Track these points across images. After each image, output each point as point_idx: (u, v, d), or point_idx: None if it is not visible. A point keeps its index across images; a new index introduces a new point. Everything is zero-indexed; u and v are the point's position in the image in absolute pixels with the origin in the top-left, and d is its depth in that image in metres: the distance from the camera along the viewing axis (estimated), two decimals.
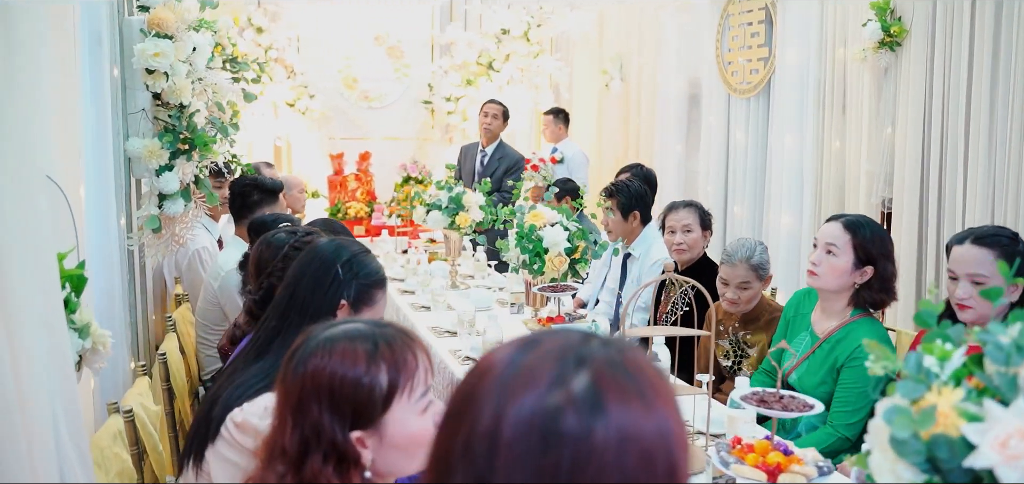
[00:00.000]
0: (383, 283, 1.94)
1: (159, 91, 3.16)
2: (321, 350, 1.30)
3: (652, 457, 0.77)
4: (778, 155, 5.25)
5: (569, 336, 0.83)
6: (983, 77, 3.83)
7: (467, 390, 0.82)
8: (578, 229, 3.29)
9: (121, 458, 1.98)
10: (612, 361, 0.80)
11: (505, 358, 0.82)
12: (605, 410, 0.76)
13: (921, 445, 1.20)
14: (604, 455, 0.75)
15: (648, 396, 0.79)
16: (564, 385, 0.77)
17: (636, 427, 0.77)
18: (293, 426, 1.27)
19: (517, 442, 0.76)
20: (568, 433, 0.75)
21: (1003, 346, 1.19)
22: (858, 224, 2.70)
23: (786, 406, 1.82)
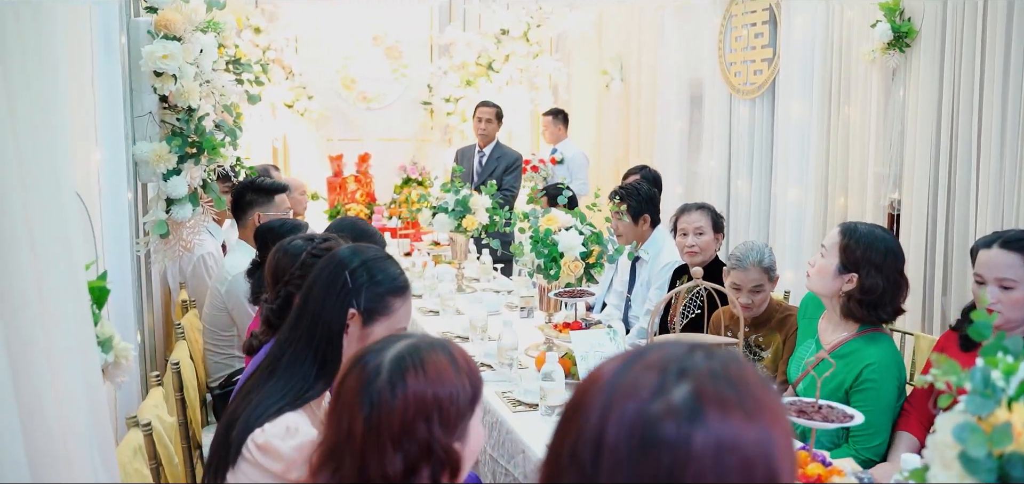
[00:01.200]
0: (401, 290, 1.83)
1: (167, 94, 3.11)
2: (411, 372, 1.29)
3: (752, 466, 0.79)
4: (783, 157, 5.23)
5: (674, 348, 0.86)
6: (995, 78, 3.81)
7: (577, 399, 0.87)
8: (594, 233, 3.25)
9: (142, 473, 1.93)
10: (714, 372, 0.83)
11: (612, 370, 0.86)
12: (704, 419, 0.79)
13: (994, 463, 1.17)
14: (702, 462, 0.78)
15: (750, 407, 0.81)
16: (665, 395, 0.81)
17: (736, 437, 0.79)
18: (395, 450, 1.25)
19: (619, 447, 0.80)
20: (667, 440, 0.78)
21: None
22: (853, 228, 2.61)
23: (826, 417, 1.79)
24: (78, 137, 2.10)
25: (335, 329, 1.75)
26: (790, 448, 0.85)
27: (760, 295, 3.13)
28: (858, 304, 2.56)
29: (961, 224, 4.05)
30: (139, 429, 2.01)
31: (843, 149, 4.84)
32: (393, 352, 1.32)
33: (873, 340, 2.56)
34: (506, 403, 2.76)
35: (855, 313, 2.58)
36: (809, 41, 5.00)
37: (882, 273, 2.55)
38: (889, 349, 2.57)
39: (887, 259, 2.56)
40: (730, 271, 3.19)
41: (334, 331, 1.75)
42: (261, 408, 1.64)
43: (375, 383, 1.28)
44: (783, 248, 5.15)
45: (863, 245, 2.57)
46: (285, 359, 1.71)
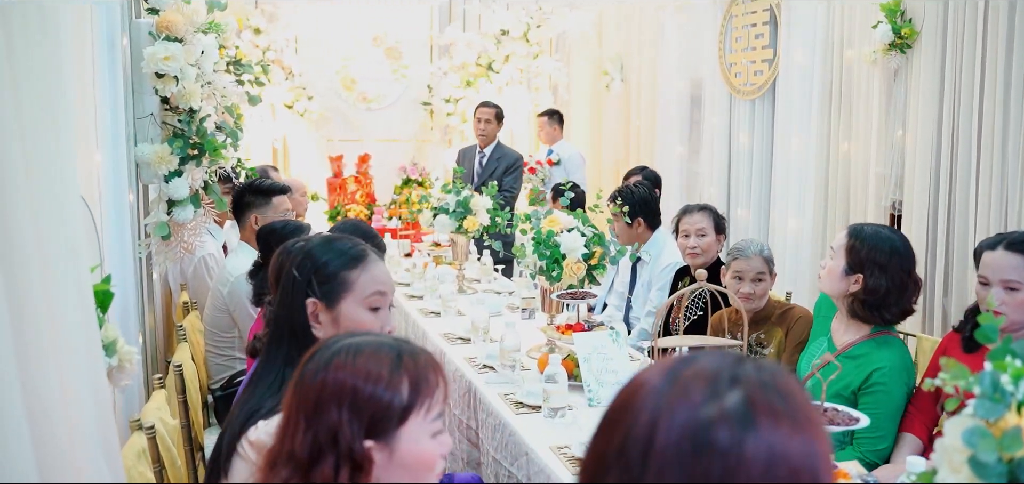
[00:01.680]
0: (353, 262, 1.78)
1: (168, 95, 3.10)
2: (344, 355, 1.30)
3: (799, 475, 0.81)
4: (783, 157, 5.23)
5: (723, 357, 0.88)
6: (997, 79, 3.82)
7: (624, 399, 0.88)
8: (595, 234, 3.25)
9: (145, 475, 1.92)
10: (765, 383, 0.85)
11: (661, 373, 0.87)
12: (756, 427, 0.81)
13: (1004, 467, 1.17)
14: (752, 469, 0.79)
15: (799, 419, 0.84)
16: (718, 400, 0.82)
17: (785, 446, 0.81)
18: (306, 429, 1.26)
19: (670, 449, 0.81)
20: (720, 445, 0.80)
21: None
22: (860, 228, 2.63)
23: (832, 419, 1.79)
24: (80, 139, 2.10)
25: (299, 324, 1.74)
26: (830, 459, 0.87)
27: (762, 285, 3.15)
28: (862, 305, 2.57)
29: (961, 225, 4.06)
30: (142, 432, 2.01)
31: (845, 150, 4.84)
32: (345, 341, 1.35)
33: (884, 343, 2.56)
34: (509, 405, 2.76)
35: (859, 314, 2.59)
36: (810, 42, 5.01)
37: (886, 273, 2.55)
38: (900, 353, 2.57)
39: (892, 259, 2.56)
40: (732, 262, 3.20)
41: (299, 326, 1.74)
42: (250, 408, 1.64)
43: (310, 363, 1.32)
44: (784, 249, 5.15)
45: (868, 246, 2.58)
46: (265, 363, 1.71)
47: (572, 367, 2.89)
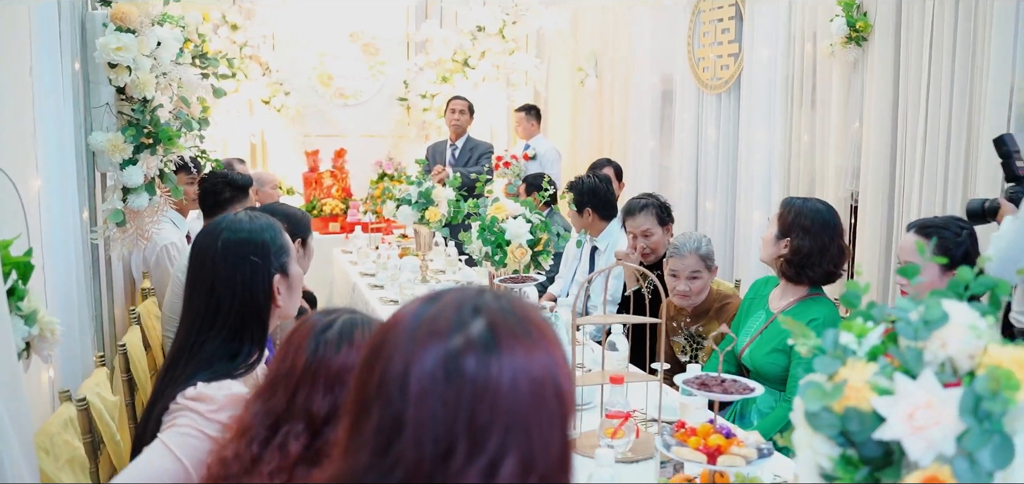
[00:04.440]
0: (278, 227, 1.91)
1: (122, 85, 3.17)
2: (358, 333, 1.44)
3: (541, 385, 0.90)
4: (747, 150, 5.30)
5: (466, 291, 0.95)
6: (942, 71, 3.88)
7: (380, 338, 0.94)
8: (542, 221, 3.32)
9: (72, 446, 1.99)
10: (504, 309, 0.93)
11: (412, 311, 0.94)
12: (500, 350, 0.89)
13: (834, 418, 1.23)
14: (500, 388, 0.87)
15: (534, 336, 0.92)
16: (464, 330, 0.89)
17: (526, 363, 0.89)
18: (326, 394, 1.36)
19: (425, 380, 0.87)
20: (469, 371, 0.87)
21: (912, 322, 1.23)
22: (791, 199, 2.90)
23: (727, 389, 1.86)
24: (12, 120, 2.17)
25: (263, 302, 1.81)
26: (566, 367, 0.95)
27: (697, 282, 3.21)
28: (788, 264, 2.82)
29: (912, 214, 4.12)
30: (72, 403, 2.07)
31: (808, 143, 4.91)
32: (347, 317, 1.46)
33: (817, 302, 2.82)
34: None
35: (787, 274, 2.84)
36: (772, 36, 5.07)
37: (809, 235, 2.79)
38: (831, 311, 2.81)
39: (815, 224, 2.81)
40: (668, 259, 3.28)
41: (263, 305, 1.82)
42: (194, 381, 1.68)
43: (325, 334, 1.41)
44: (749, 241, 5.22)
45: (795, 212, 2.84)
46: (209, 345, 1.74)
47: None
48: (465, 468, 0.84)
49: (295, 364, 1.38)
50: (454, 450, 0.85)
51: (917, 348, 1.22)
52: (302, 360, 1.38)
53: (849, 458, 1.25)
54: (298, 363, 1.38)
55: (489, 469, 0.85)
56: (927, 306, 1.21)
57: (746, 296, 3.06)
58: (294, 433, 1.35)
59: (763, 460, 1.79)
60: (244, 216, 1.87)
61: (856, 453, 1.24)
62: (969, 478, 1.11)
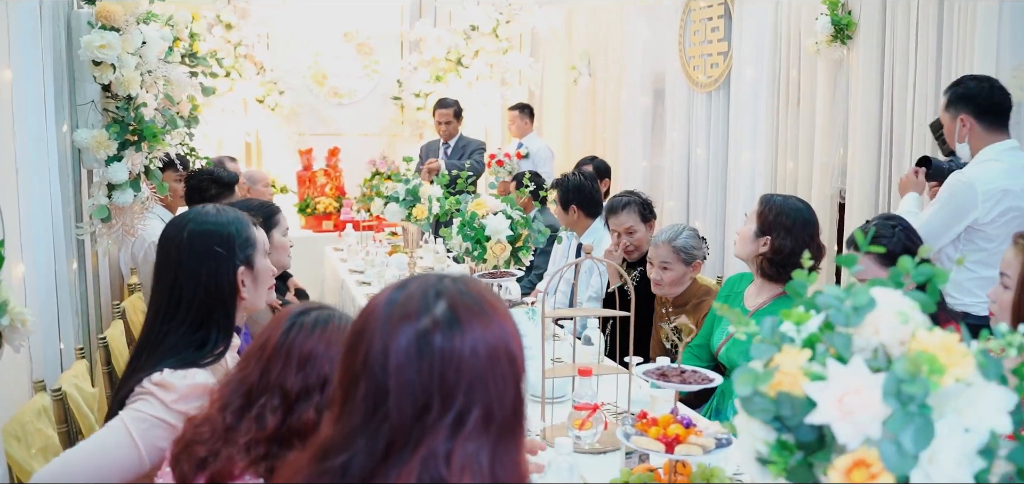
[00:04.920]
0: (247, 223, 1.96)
1: (106, 83, 3.21)
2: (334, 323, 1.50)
3: (496, 351, 1.08)
4: (736, 149, 5.32)
5: (428, 278, 1.14)
6: (928, 69, 3.90)
7: (360, 325, 1.11)
8: (522, 218, 3.35)
9: (45, 434, 2.02)
10: (461, 291, 1.11)
11: (385, 298, 1.12)
12: (461, 326, 1.07)
13: (768, 403, 1.26)
14: (462, 357, 1.06)
15: (488, 311, 1.10)
16: (430, 312, 1.07)
17: (484, 335, 1.08)
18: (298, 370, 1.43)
19: (401, 356, 1.05)
20: (437, 346, 1.05)
21: (843, 309, 1.26)
22: (770, 197, 2.89)
23: (685, 380, 1.89)
24: None
25: (228, 293, 1.85)
26: (518, 336, 1.14)
27: (668, 273, 3.26)
28: (769, 264, 2.81)
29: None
30: (46, 393, 2.11)
31: (794, 141, 4.93)
32: (327, 311, 1.52)
33: (790, 300, 2.73)
34: None
35: (767, 272, 2.84)
36: (760, 35, 5.10)
37: (791, 235, 2.79)
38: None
39: (796, 223, 2.81)
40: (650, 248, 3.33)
41: (228, 296, 1.85)
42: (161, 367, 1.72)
43: (303, 317, 1.48)
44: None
45: (776, 210, 2.83)
46: (173, 335, 1.77)
47: None
48: (438, 421, 1.04)
49: (270, 339, 1.44)
50: (429, 408, 1.04)
51: (846, 334, 1.25)
52: (276, 336, 1.44)
53: (785, 443, 1.28)
54: (273, 338, 1.44)
55: (457, 420, 1.04)
56: (856, 293, 1.24)
57: (720, 292, 3.09)
58: (271, 407, 1.40)
59: (721, 450, 1.82)
60: (211, 208, 1.90)
61: (792, 438, 1.27)
62: (895, 460, 1.14)
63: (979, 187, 2.99)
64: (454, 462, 1.03)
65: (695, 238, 3.31)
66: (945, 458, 1.15)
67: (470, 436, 1.04)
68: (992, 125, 3.07)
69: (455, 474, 1.01)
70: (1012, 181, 3.00)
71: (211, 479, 1.36)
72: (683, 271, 3.27)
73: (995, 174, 3.00)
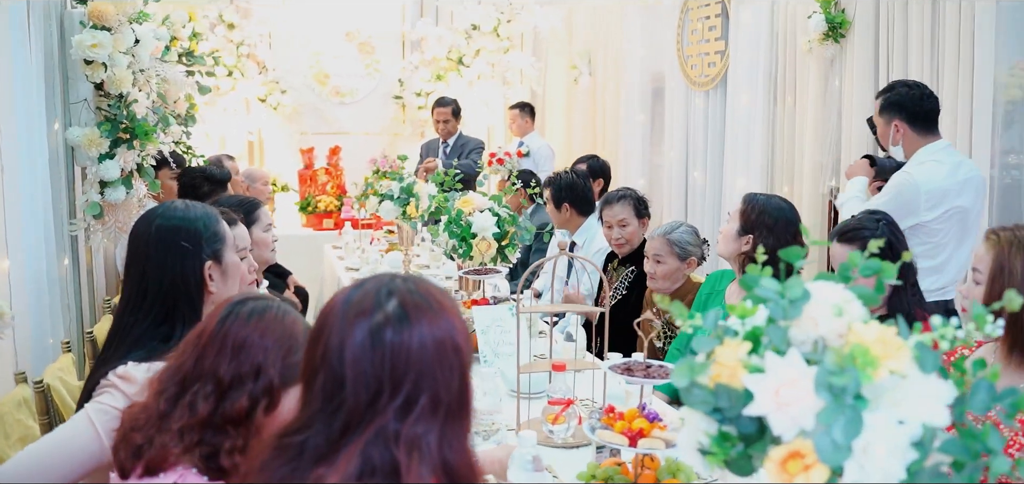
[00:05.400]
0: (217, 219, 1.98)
1: (98, 81, 3.25)
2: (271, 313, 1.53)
3: (442, 344, 1.18)
4: (732, 148, 5.33)
5: (382, 277, 1.23)
6: (923, 67, 3.89)
7: (320, 322, 1.21)
8: (510, 215, 3.37)
9: (25, 424, 2.07)
10: (411, 290, 1.21)
11: (343, 297, 1.21)
12: (410, 321, 1.17)
13: (707, 394, 1.28)
14: (412, 350, 1.16)
15: (436, 308, 1.20)
16: (382, 309, 1.17)
17: (432, 329, 1.18)
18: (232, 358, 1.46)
19: (357, 349, 1.15)
20: (388, 339, 1.15)
21: (779, 301, 1.28)
22: (753, 196, 2.91)
23: (650, 374, 1.91)
24: None
25: (195, 287, 1.88)
26: (465, 330, 1.24)
27: (661, 266, 3.29)
28: (752, 262, 2.75)
29: None
30: (27, 385, 2.15)
31: (788, 139, 4.94)
32: (265, 301, 1.54)
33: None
34: None
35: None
36: (756, 33, 5.10)
37: (773, 234, 2.81)
38: None
39: (779, 222, 2.84)
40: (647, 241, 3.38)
41: (194, 290, 1.88)
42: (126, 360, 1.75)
43: (241, 306, 1.50)
44: None
45: (759, 209, 2.86)
46: (138, 327, 1.81)
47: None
48: (388, 405, 1.14)
49: (206, 327, 1.47)
50: (381, 394, 1.14)
51: (782, 326, 1.26)
52: (212, 324, 1.47)
53: (726, 434, 1.29)
54: (209, 327, 1.47)
55: (406, 405, 1.14)
56: (790, 285, 1.25)
57: (701, 289, 3.10)
58: (203, 394, 1.42)
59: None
60: (181, 204, 1.93)
61: (735, 430, 1.29)
62: (828, 452, 1.15)
63: (923, 187, 3.09)
64: (402, 442, 1.12)
65: (692, 235, 3.33)
66: (879, 450, 1.16)
67: (418, 420, 1.14)
68: (923, 129, 3.20)
69: (403, 454, 1.11)
70: (952, 180, 3.12)
71: (147, 467, 1.39)
72: (676, 266, 3.29)
73: (938, 175, 3.11)
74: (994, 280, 2.11)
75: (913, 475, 1.16)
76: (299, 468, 1.10)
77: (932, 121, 3.22)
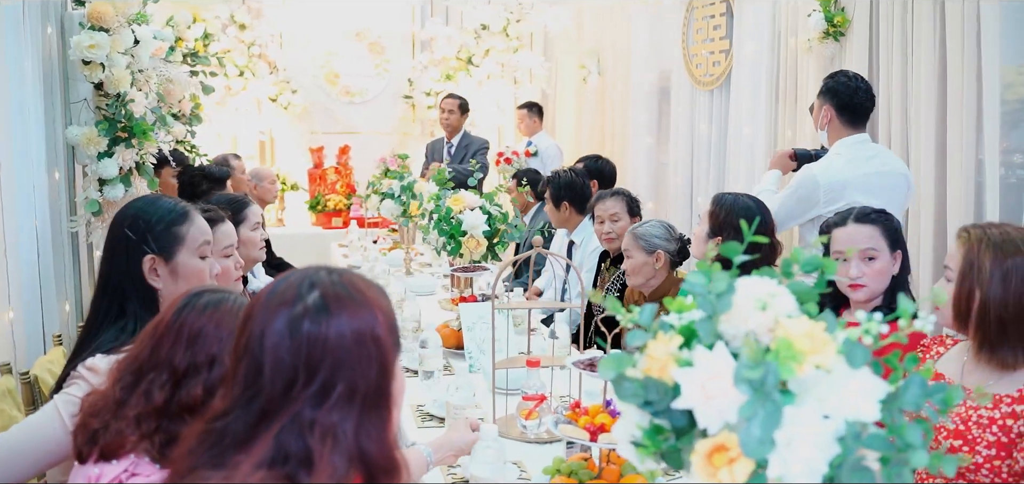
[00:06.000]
0: (181, 218, 1.96)
1: (96, 82, 3.33)
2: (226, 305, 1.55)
3: (361, 335, 1.19)
4: (736, 147, 5.31)
5: (307, 270, 1.25)
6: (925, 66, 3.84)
7: (247, 312, 1.24)
8: (502, 213, 3.40)
9: (9, 414, 2.12)
10: (334, 282, 1.22)
11: (270, 288, 1.25)
12: (330, 313, 1.18)
13: (637, 387, 1.30)
14: (330, 341, 1.17)
15: (358, 300, 1.21)
16: (302, 300, 1.19)
17: (349, 320, 1.19)
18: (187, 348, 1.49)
19: (276, 337, 1.17)
20: (308, 330, 1.17)
21: (706, 295, 1.29)
22: (721, 196, 2.91)
23: None
24: None
25: (136, 278, 1.89)
26: (388, 324, 1.24)
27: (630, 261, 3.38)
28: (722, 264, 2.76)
29: None
30: (11, 376, 2.21)
31: (789, 137, 4.91)
32: (223, 294, 1.57)
33: None
34: None
35: None
36: (759, 32, 5.08)
37: (741, 233, 2.72)
38: None
39: (747, 222, 2.76)
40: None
41: (137, 281, 1.89)
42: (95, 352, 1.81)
43: (198, 298, 1.54)
44: None
45: (726, 210, 2.85)
46: (99, 318, 1.86)
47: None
48: (302, 393, 1.15)
49: (163, 318, 1.51)
50: (295, 382, 1.16)
51: (708, 320, 1.28)
52: (169, 315, 1.50)
53: (660, 427, 1.31)
54: (166, 317, 1.50)
55: (321, 393, 1.16)
56: (715, 278, 1.27)
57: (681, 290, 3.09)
58: (159, 383, 1.46)
59: None
60: (153, 195, 1.98)
61: (668, 423, 1.30)
62: (751, 444, 1.17)
63: (821, 180, 3.17)
64: (317, 430, 1.14)
65: (661, 229, 3.31)
66: (802, 444, 1.17)
67: (334, 408, 1.15)
68: (849, 122, 3.27)
69: (317, 441, 1.12)
70: (853, 171, 3.18)
71: (102, 452, 1.43)
72: (644, 260, 3.27)
73: (837, 167, 3.19)
74: (964, 278, 2.10)
75: (835, 470, 1.17)
76: (220, 454, 1.13)
77: (859, 116, 3.28)
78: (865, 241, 2.48)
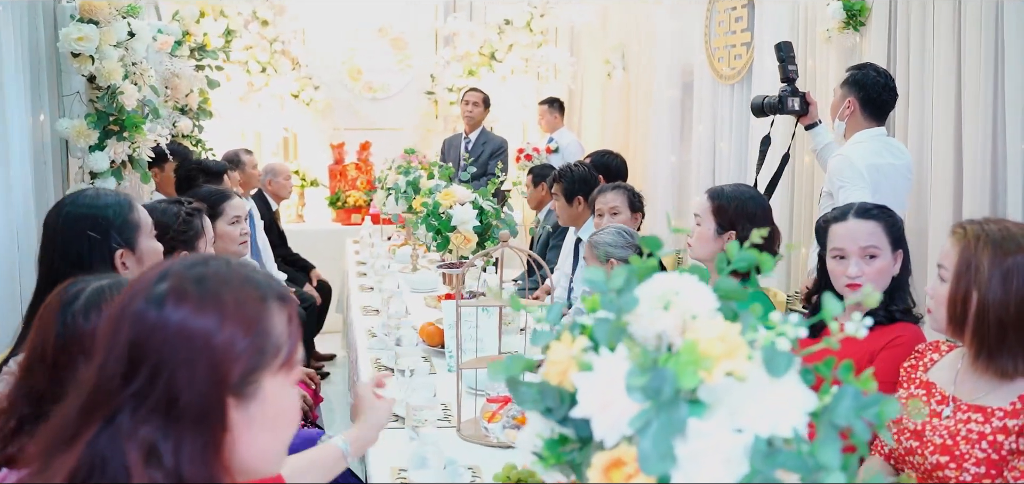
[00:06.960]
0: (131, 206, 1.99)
1: (86, 74, 3.32)
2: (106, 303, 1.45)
3: (192, 338, 1.05)
4: (757, 141, 5.12)
5: (178, 260, 1.15)
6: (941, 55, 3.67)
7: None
8: (495, 209, 3.31)
9: None
10: (189, 278, 1.09)
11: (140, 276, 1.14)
12: (165, 306, 1.06)
13: (533, 393, 1.19)
14: (153, 329, 1.06)
15: (208, 302, 1.07)
16: (148, 290, 1.09)
17: (185, 319, 1.06)
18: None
19: (107, 322, 1.10)
20: (137, 311, 1.07)
21: (607, 293, 1.18)
22: (718, 190, 2.73)
23: None
24: None
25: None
26: (234, 331, 1.08)
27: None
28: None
29: (917, 204, 3.90)
30: None
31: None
32: (95, 286, 1.46)
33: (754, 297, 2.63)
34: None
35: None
36: (779, 23, 4.90)
37: (755, 222, 2.62)
38: (765, 301, 2.61)
39: (758, 212, 2.68)
40: None
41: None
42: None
43: (73, 306, 1.42)
44: None
45: (735, 202, 2.68)
46: None
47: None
48: (123, 388, 1.05)
49: (46, 342, 1.39)
50: (118, 372, 1.06)
51: (610, 320, 1.16)
52: (52, 338, 1.39)
53: (565, 437, 1.21)
54: (49, 341, 1.39)
55: (141, 393, 1.04)
56: (613, 275, 1.15)
57: None
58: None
59: None
60: (91, 191, 1.93)
61: (573, 433, 1.19)
62: (652, 460, 1.06)
63: (859, 164, 3.21)
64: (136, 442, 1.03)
65: (617, 236, 3.14)
66: (709, 460, 1.06)
67: (152, 415, 1.03)
68: (871, 116, 3.32)
69: (135, 455, 1.02)
70: (876, 160, 3.27)
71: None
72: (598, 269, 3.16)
73: (868, 151, 3.27)
74: (960, 278, 1.94)
75: None
76: (48, 450, 1.06)
77: (881, 112, 3.34)
78: (866, 238, 2.32)
